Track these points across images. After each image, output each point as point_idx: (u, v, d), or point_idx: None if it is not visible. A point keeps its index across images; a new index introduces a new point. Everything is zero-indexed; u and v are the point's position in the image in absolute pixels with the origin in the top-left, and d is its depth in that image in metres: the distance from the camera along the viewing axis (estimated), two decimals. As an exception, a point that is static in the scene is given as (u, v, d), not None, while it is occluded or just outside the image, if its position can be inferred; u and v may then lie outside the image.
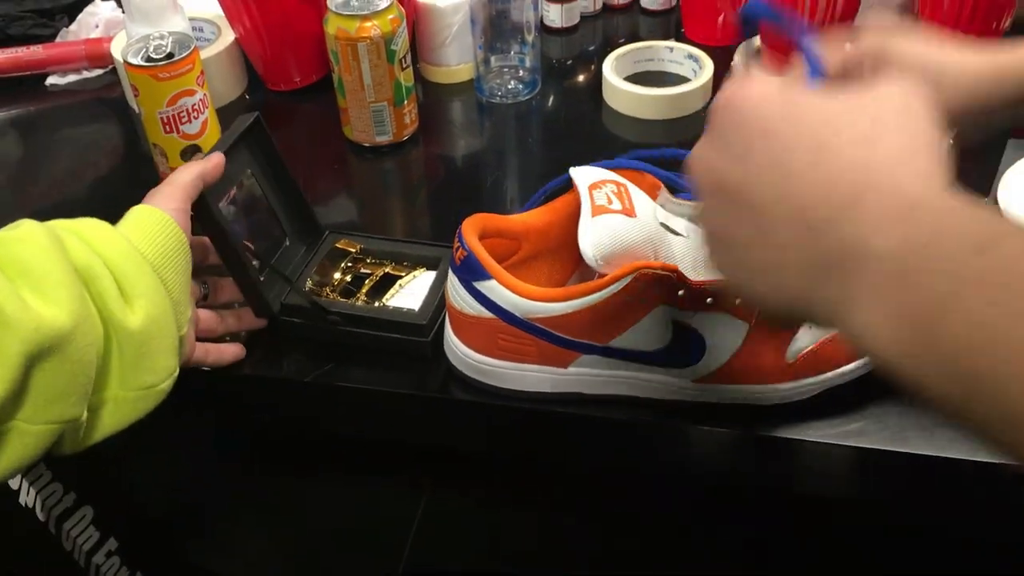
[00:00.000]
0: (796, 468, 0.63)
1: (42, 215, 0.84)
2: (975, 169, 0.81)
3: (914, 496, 0.64)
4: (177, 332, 0.57)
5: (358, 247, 0.72)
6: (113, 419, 0.54)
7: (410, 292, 0.69)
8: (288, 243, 0.71)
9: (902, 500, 0.65)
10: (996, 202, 0.75)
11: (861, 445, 0.60)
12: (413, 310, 0.66)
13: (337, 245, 0.72)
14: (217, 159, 0.64)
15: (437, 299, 0.66)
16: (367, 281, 0.70)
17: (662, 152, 0.64)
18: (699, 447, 0.64)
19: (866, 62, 0.54)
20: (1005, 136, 0.83)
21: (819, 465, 0.62)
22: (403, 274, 0.70)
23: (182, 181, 0.62)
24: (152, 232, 0.58)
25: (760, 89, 0.38)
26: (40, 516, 0.74)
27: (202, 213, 0.63)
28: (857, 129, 0.36)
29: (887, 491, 0.64)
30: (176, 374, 0.57)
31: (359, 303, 0.68)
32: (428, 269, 0.70)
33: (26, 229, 0.52)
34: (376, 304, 0.68)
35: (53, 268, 0.49)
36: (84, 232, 0.55)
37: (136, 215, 0.59)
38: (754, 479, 0.66)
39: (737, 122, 0.38)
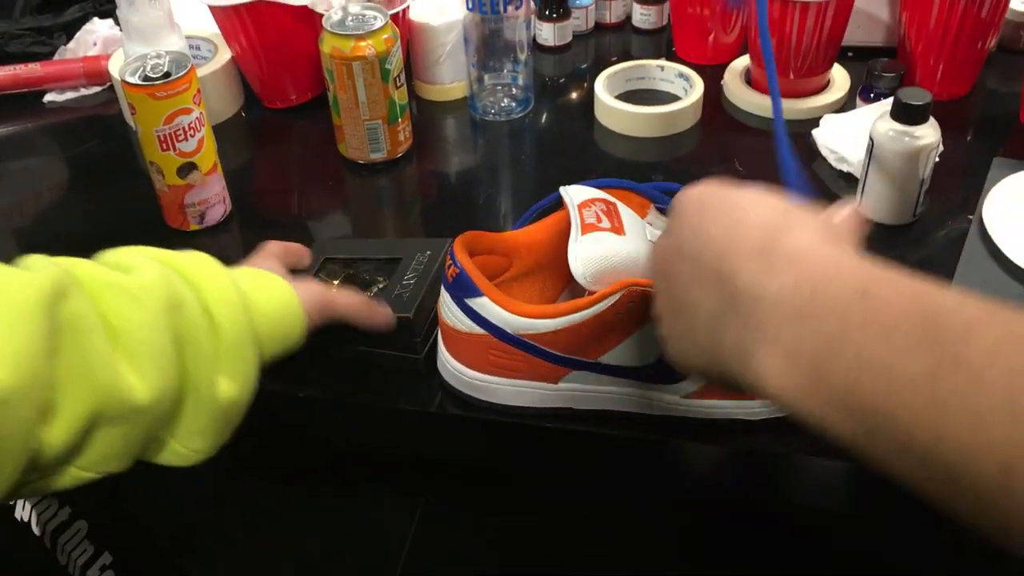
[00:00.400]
0: (787, 483, 0.64)
1: (39, 231, 0.86)
2: (962, 186, 0.82)
3: (906, 511, 0.64)
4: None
5: (351, 271, 0.72)
6: (149, 454, 0.53)
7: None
8: None
9: (893, 514, 0.65)
10: (982, 219, 0.76)
11: (852, 460, 0.60)
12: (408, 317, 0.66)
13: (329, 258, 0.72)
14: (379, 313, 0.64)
15: (431, 315, 0.67)
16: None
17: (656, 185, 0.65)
18: (690, 462, 0.65)
19: None
20: (991, 154, 0.85)
21: (810, 480, 0.63)
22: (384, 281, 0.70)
23: (340, 303, 0.63)
24: (279, 317, 0.57)
25: (703, 186, 0.45)
26: (36, 530, 0.74)
27: None
28: (766, 205, 0.41)
29: (877, 505, 0.65)
30: (207, 455, 0.55)
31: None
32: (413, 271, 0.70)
33: (148, 282, 0.49)
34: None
35: (154, 340, 0.48)
36: (210, 296, 0.53)
37: (276, 296, 0.58)
38: (745, 494, 0.66)
39: (681, 210, 0.45)
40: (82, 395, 0.45)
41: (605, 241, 0.57)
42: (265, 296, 0.57)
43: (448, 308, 0.62)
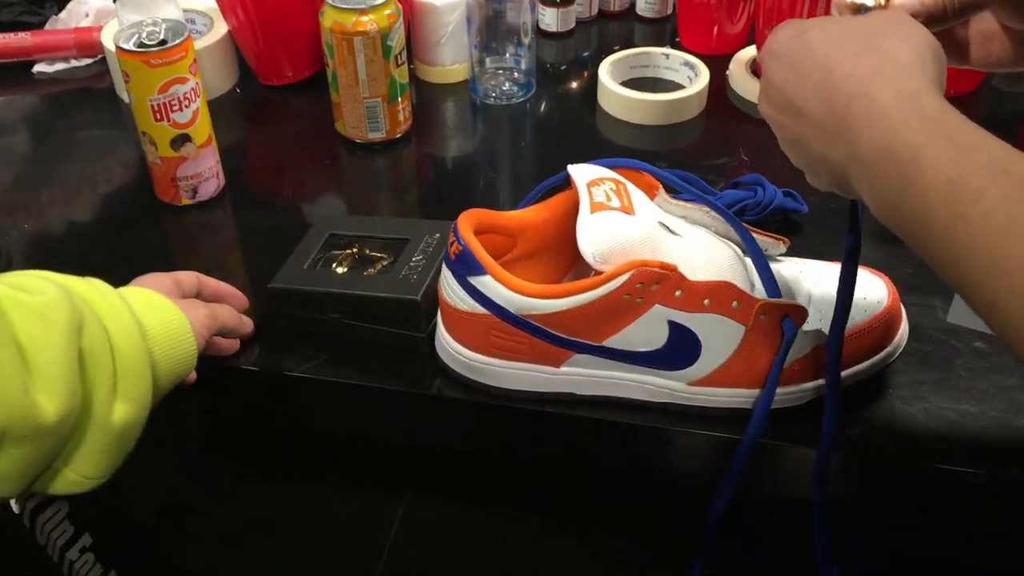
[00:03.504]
0: (788, 474, 0.63)
1: (26, 206, 0.83)
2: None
3: (901, 502, 0.63)
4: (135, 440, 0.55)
5: (355, 249, 0.70)
6: (40, 484, 0.52)
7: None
8: None
9: (889, 506, 0.64)
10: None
11: (853, 452, 0.59)
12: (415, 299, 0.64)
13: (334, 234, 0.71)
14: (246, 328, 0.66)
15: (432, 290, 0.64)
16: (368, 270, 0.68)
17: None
18: (691, 452, 0.64)
19: None
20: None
21: (812, 472, 0.62)
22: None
23: (221, 317, 0.63)
24: (174, 343, 0.56)
25: (783, 38, 0.50)
26: (15, 508, 0.72)
27: None
28: (847, 49, 0.47)
29: (876, 498, 0.63)
30: (99, 481, 0.54)
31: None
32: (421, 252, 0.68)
33: (52, 301, 0.49)
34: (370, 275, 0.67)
35: (61, 359, 0.48)
36: (107, 318, 0.52)
37: (169, 321, 0.57)
38: (746, 485, 0.65)
39: (774, 67, 0.50)
40: None
41: (615, 220, 0.56)
42: (156, 318, 0.56)
43: (449, 286, 0.60)
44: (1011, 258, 0.37)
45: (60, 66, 1.02)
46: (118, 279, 0.76)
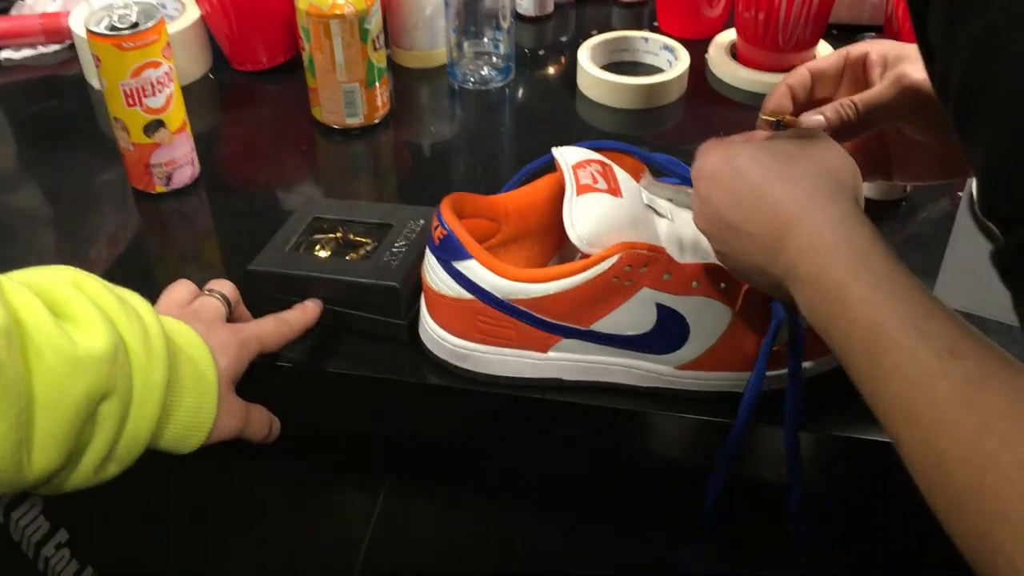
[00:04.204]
0: (778, 457, 0.62)
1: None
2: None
3: (894, 485, 0.63)
4: None
5: (339, 233, 0.69)
6: None
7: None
8: None
9: (881, 489, 0.64)
10: (972, 195, 0.75)
11: (843, 434, 0.59)
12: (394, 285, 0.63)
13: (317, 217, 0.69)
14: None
15: (418, 285, 0.63)
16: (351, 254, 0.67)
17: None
18: (680, 436, 0.63)
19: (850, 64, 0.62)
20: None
21: (803, 455, 0.61)
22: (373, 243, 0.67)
23: (251, 430, 0.59)
24: (186, 433, 0.53)
25: (713, 162, 0.51)
26: (-13, 504, 0.71)
27: None
28: (776, 173, 0.49)
29: (868, 481, 0.63)
30: None
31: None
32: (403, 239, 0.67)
33: (93, 356, 0.46)
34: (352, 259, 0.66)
35: (69, 422, 0.45)
36: (138, 393, 0.49)
37: (195, 421, 0.54)
38: (737, 469, 0.65)
39: (708, 189, 0.51)
40: None
41: (602, 202, 0.55)
42: (186, 408, 0.53)
43: (433, 272, 0.59)
44: (915, 410, 0.39)
45: (27, 52, 0.99)
46: (91, 268, 0.74)
